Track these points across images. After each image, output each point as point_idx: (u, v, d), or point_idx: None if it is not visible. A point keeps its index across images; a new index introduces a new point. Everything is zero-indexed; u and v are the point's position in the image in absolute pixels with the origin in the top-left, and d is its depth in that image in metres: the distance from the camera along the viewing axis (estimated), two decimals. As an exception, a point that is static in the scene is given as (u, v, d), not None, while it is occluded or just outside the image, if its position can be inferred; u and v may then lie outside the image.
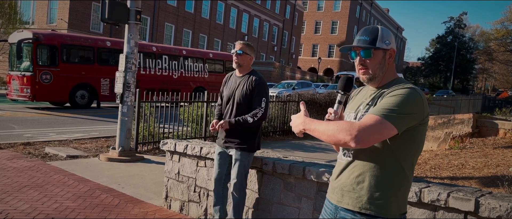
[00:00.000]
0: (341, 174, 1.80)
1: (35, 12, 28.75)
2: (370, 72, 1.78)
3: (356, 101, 1.88)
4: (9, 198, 4.32)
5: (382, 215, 1.69)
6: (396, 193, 1.71)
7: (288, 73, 40.84)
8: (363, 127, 1.57)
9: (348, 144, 1.58)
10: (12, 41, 14.84)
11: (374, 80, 1.79)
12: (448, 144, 8.41)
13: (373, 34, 1.77)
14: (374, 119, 1.59)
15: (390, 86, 1.75)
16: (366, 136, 1.57)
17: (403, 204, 1.76)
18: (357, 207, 1.72)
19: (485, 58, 64.57)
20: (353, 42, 1.83)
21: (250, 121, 3.40)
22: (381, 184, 1.69)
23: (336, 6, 61.87)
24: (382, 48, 1.76)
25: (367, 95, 1.83)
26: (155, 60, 17.80)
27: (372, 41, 1.76)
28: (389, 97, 1.66)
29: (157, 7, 32.89)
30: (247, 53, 3.49)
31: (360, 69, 1.80)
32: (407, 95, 1.65)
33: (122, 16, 6.64)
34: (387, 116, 1.59)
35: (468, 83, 69.42)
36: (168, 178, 4.37)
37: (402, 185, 1.73)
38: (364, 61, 1.78)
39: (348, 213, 1.75)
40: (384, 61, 1.78)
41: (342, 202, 1.77)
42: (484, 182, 5.05)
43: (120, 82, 6.70)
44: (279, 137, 10.08)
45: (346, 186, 1.76)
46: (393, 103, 1.62)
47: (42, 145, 7.45)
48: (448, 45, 60.22)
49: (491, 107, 30.00)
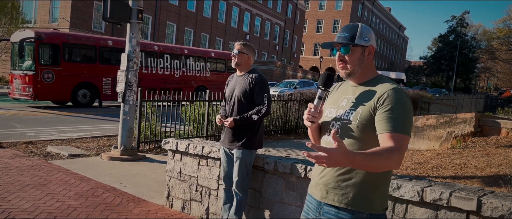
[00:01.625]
0: (325, 170, 1.84)
1: (37, 12, 28.81)
2: (348, 68, 1.83)
3: (336, 96, 1.93)
4: (12, 197, 4.33)
5: (367, 211, 1.75)
6: (380, 189, 1.78)
7: (289, 73, 40.83)
8: (404, 153, 1.66)
9: (394, 169, 1.68)
10: (14, 40, 14.87)
11: (353, 75, 1.84)
12: (450, 143, 8.39)
13: (352, 31, 1.83)
14: (405, 139, 1.67)
15: (375, 85, 1.80)
16: (403, 157, 1.67)
17: (385, 199, 1.83)
18: (343, 204, 1.77)
19: (487, 57, 64.39)
20: (334, 39, 1.89)
21: (255, 118, 3.46)
22: (365, 181, 1.75)
23: (338, 5, 61.80)
24: (361, 44, 1.82)
25: (349, 91, 1.88)
26: (157, 59, 17.82)
27: (351, 38, 1.82)
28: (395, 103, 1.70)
29: (159, 6, 32.91)
30: (245, 52, 3.55)
31: (339, 64, 1.85)
32: (407, 102, 1.73)
33: (124, 15, 6.64)
34: (408, 131, 1.68)
35: (471, 82, 69.27)
36: (170, 177, 4.37)
37: (385, 181, 1.81)
38: (343, 57, 1.83)
39: (332, 209, 1.79)
40: (363, 57, 1.83)
41: (327, 199, 1.81)
42: (487, 182, 5.04)
43: (122, 81, 6.71)
44: (281, 136, 10.07)
45: (331, 183, 1.80)
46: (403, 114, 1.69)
47: (44, 143, 7.47)
48: (450, 44, 60.05)
49: (494, 106, 29.94)
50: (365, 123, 1.73)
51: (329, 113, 1.88)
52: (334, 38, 1.91)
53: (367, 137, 1.73)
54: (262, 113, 3.46)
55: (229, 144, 3.54)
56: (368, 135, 1.73)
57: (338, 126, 1.81)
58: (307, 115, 1.75)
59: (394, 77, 36.78)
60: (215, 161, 3.93)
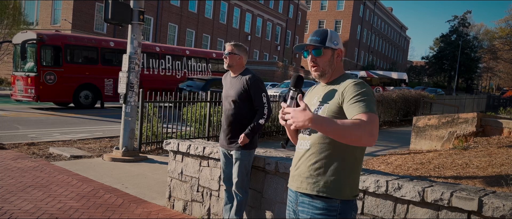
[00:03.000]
0: (299, 162, 1.99)
1: (39, 13, 28.88)
2: (320, 69, 1.99)
3: (310, 97, 2.09)
4: (14, 198, 4.34)
5: (336, 197, 1.89)
6: (350, 177, 1.91)
7: (291, 73, 40.76)
8: (376, 127, 1.75)
9: (369, 144, 1.75)
10: (16, 42, 14.91)
11: (324, 76, 2.00)
12: (452, 143, 8.38)
13: (323, 35, 1.99)
14: (374, 116, 1.78)
15: (340, 82, 1.95)
16: (377, 132, 1.76)
17: (355, 187, 1.95)
18: (314, 191, 1.91)
19: (489, 57, 64.23)
20: (306, 42, 2.02)
21: (262, 122, 3.46)
22: (336, 169, 1.89)
23: (339, 5, 61.75)
24: (330, 47, 1.98)
25: (320, 91, 2.03)
26: (158, 60, 17.84)
27: (322, 41, 1.97)
28: (357, 91, 1.83)
29: (161, 7, 32.95)
30: (236, 53, 3.50)
31: (311, 66, 2.01)
32: (367, 89, 1.86)
33: (125, 16, 6.65)
34: (374, 110, 1.80)
35: (473, 82, 69.05)
36: (171, 177, 4.38)
37: (355, 169, 1.94)
38: (315, 59, 1.98)
39: (306, 198, 1.94)
40: (333, 59, 2.00)
41: (301, 188, 1.95)
42: (488, 182, 5.03)
43: (124, 82, 6.72)
44: (282, 136, 10.07)
45: (304, 173, 1.94)
46: (367, 97, 1.82)
47: (46, 145, 7.49)
48: (452, 44, 59.89)
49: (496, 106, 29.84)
50: (333, 115, 1.87)
51: None
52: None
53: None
54: (265, 114, 3.46)
55: (227, 145, 3.53)
56: None
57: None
58: (281, 114, 1.83)
59: (396, 77, 36.63)
60: (216, 161, 3.93)
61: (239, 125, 3.47)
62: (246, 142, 3.43)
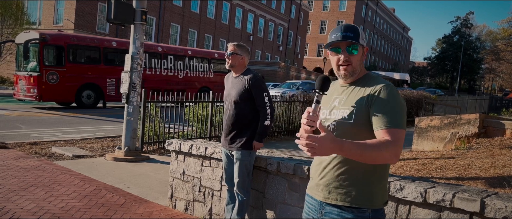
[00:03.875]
0: (324, 171, 1.84)
1: (42, 13, 28.96)
2: (352, 68, 1.83)
3: (327, 97, 1.93)
4: (16, 197, 4.36)
5: (369, 207, 1.77)
6: (380, 184, 1.81)
7: (293, 73, 40.77)
8: (401, 146, 1.66)
9: (391, 163, 1.69)
10: (19, 42, 14.96)
11: (354, 75, 1.85)
12: (454, 144, 8.36)
13: (355, 31, 1.82)
14: (401, 133, 1.68)
15: (366, 83, 1.82)
16: (401, 151, 1.69)
17: (385, 194, 1.85)
18: (346, 202, 1.78)
19: (492, 58, 64.07)
20: (333, 38, 1.82)
21: (268, 123, 3.47)
22: (366, 178, 1.77)
23: (341, 6, 61.72)
24: (363, 45, 1.84)
25: (340, 91, 1.89)
26: (160, 61, 17.86)
27: (356, 38, 1.80)
28: (388, 100, 1.72)
29: (163, 7, 32.99)
30: (238, 53, 3.52)
31: (342, 65, 1.83)
32: (399, 97, 1.74)
33: (128, 16, 6.67)
34: (403, 125, 1.69)
35: (475, 83, 68.90)
36: (173, 177, 4.38)
37: (384, 176, 1.83)
38: (348, 57, 1.82)
39: (335, 208, 1.81)
40: (362, 57, 1.87)
41: (329, 199, 1.82)
42: (491, 183, 5.02)
43: (126, 82, 6.73)
44: (284, 137, 10.07)
45: (332, 183, 1.81)
46: (397, 108, 1.71)
47: (49, 144, 7.51)
48: (454, 45, 59.78)
49: (498, 107, 29.79)
50: (360, 121, 1.75)
51: (322, 114, 1.88)
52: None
53: (362, 135, 1.73)
54: (268, 114, 3.47)
55: (228, 145, 3.54)
56: (363, 132, 1.74)
57: (332, 125, 1.81)
58: (305, 119, 1.71)
59: (398, 78, 36.61)
60: (218, 161, 3.93)
61: (241, 125, 3.47)
62: (260, 146, 3.48)
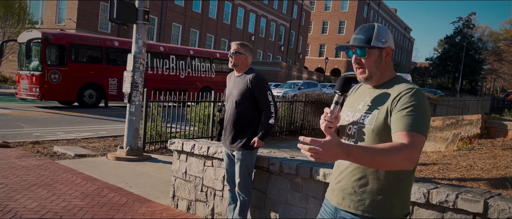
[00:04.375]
0: (341, 175, 1.78)
1: (44, 12, 29.03)
2: (366, 72, 1.77)
3: (354, 99, 1.87)
4: (18, 196, 4.37)
5: (384, 217, 1.68)
6: (399, 195, 1.70)
7: (294, 73, 40.77)
8: (417, 151, 1.56)
9: (406, 168, 1.55)
10: (21, 41, 14.99)
11: (371, 79, 1.78)
12: (456, 145, 8.35)
13: (368, 32, 1.75)
14: (420, 138, 1.58)
15: (392, 86, 1.73)
16: (418, 157, 1.58)
17: (406, 205, 1.74)
18: (359, 210, 1.70)
19: (494, 58, 63.97)
20: (350, 41, 1.81)
21: (272, 122, 3.45)
22: (384, 187, 1.68)
23: (343, 6, 61.66)
24: (377, 47, 1.74)
25: (366, 94, 1.82)
26: (162, 60, 17.87)
27: (367, 40, 1.74)
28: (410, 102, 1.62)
29: (165, 7, 33.02)
30: (242, 52, 3.51)
31: (356, 68, 1.80)
32: (425, 102, 1.64)
33: (130, 16, 6.67)
34: (424, 132, 1.59)
35: (477, 84, 68.80)
36: (175, 177, 4.38)
37: (405, 186, 1.72)
38: (359, 60, 1.77)
39: (349, 215, 1.73)
40: (381, 59, 1.76)
41: (343, 205, 1.75)
42: (493, 184, 5.01)
43: (128, 82, 6.74)
44: (285, 137, 10.07)
45: (347, 189, 1.74)
46: (418, 112, 1.61)
47: (51, 143, 7.52)
48: (456, 45, 59.69)
49: (500, 108, 29.74)
50: (381, 126, 1.67)
51: (346, 116, 1.82)
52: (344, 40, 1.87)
53: (384, 141, 1.65)
54: (273, 113, 3.45)
55: (229, 145, 3.53)
56: (385, 138, 1.65)
57: (355, 129, 1.75)
58: (323, 120, 1.65)
59: (399, 78, 36.43)
60: (220, 161, 3.93)
61: (241, 125, 3.46)
62: (261, 144, 3.44)
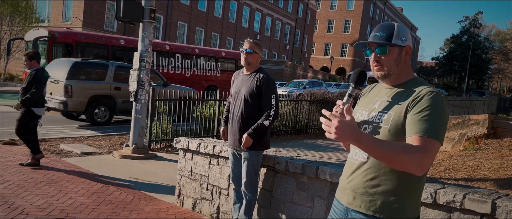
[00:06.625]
0: (353, 175, 1.76)
1: (51, 11, 29.19)
2: (385, 69, 1.74)
3: (369, 98, 1.84)
4: (25, 194, 4.40)
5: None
6: (411, 197, 1.69)
7: (300, 72, 40.72)
8: (429, 158, 1.53)
9: (415, 173, 1.54)
10: (28, 39, 15.09)
11: (389, 77, 1.75)
12: (463, 145, 8.30)
13: (388, 30, 1.73)
14: (435, 144, 1.55)
15: (411, 87, 1.70)
16: (430, 163, 1.55)
17: (417, 208, 1.73)
18: (370, 211, 1.68)
19: (500, 58, 63.50)
20: (369, 39, 1.78)
21: (267, 123, 3.40)
22: (396, 188, 1.66)
23: (349, 5, 61.43)
24: (398, 44, 1.72)
25: (382, 93, 1.78)
26: (168, 59, 17.90)
27: (387, 38, 1.72)
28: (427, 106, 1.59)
29: (171, 6, 33.08)
30: (256, 52, 3.50)
31: (374, 66, 1.76)
32: (443, 107, 1.62)
33: (136, 14, 6.69)
34: (440, 137, 1.57)
35: (483, 84, 68.29)
36: (181, 175, 4.39)
37: (417, 189, 1.70)
38: (379, 58, 1.73)
39: (360, 215, 1.72)
40: (400, 58, 1.74)
41: (354, 204, 1.74)
42: (500, 184, 4.98)
43: (134, 80, 6.76)
44: (291, 136, 10.06)
45: (359, 189, 1.72)
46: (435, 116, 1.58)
47: (57, 141, 7.56)
48: (463, 45, 59.27)
49: (507, 108, 29.52)
50: (397, 127, 1.64)
51: (360, 115, 1.80)
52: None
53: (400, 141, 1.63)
54: (271, 116, 3.41)
55: (236, 144, 3.52)
56: (401, 139, 1.62)
57: (369, 129, 1.72)
58: (334, 111, 1.60)
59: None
60: (226, 160, 3.94)
61: (249, 124, 3.44)
62: (249, 143, 3.37)
